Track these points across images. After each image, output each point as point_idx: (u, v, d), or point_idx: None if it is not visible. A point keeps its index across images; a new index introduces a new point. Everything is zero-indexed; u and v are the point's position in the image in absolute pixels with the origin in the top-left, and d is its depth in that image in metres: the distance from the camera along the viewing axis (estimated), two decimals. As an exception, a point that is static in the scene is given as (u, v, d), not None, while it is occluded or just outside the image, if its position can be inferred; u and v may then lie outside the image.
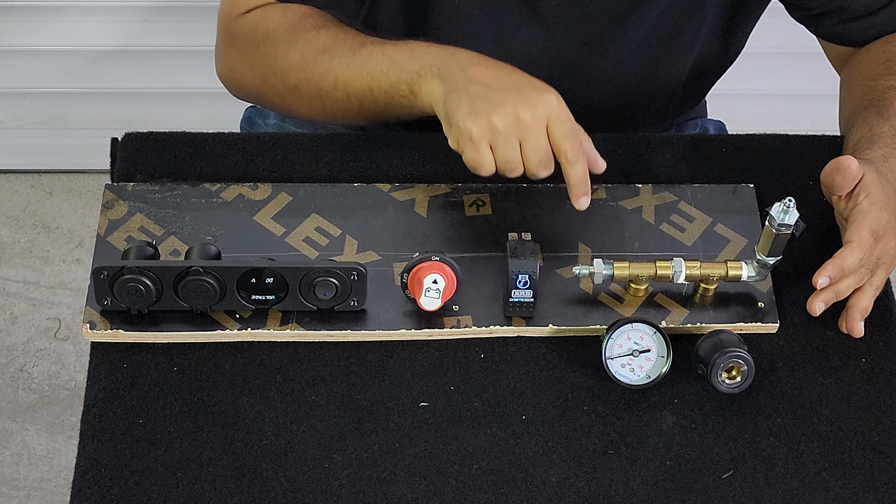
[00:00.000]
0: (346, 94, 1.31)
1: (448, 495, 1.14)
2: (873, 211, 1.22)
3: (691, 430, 1.20)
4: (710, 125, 1.68)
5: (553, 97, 1.21)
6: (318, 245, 1.29)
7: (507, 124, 1.19)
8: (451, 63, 1.25)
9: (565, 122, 1.21)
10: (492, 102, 1.20)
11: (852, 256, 1.21)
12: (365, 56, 1.29)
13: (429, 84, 1.25)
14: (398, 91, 1.27)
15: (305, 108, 1.36)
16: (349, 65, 1.29)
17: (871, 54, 1.44)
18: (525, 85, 1.23)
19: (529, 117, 1.20)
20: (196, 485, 1.14)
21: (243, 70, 1.38)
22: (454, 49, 1.27)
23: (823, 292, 1.23)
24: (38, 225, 2.39)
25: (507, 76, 1.24)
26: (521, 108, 1.20)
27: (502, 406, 1.20)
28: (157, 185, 1.32)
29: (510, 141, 1.20)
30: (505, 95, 1.21)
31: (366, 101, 1.30)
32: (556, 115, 1.21)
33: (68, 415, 2.14)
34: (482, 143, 1.20)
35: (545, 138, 1.21)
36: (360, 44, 1.30)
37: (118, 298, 1.20)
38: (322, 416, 1.19)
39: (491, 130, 1.20)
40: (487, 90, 1.21)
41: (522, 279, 1.21)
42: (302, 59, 1.32)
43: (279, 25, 1.35)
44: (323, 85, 1.31)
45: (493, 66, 1.25)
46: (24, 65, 2.29)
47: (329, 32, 1.33)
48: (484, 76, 1.23)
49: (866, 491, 1.17)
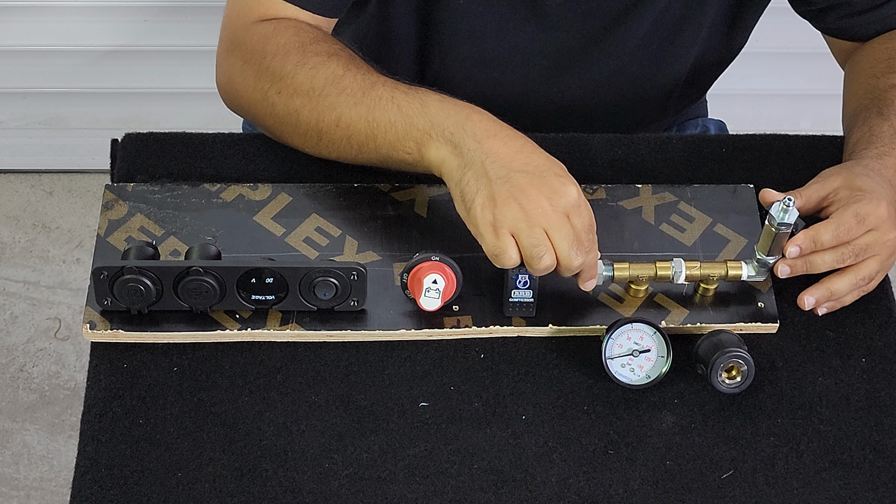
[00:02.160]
0: (346, 136, 1.26)
1: (448, 495, 1.15)
2: (866, 198, 1.23)
3: (691, 430, 1.20)
4: (710, 125, 1.68)
5: (574, 189, 1.17)
6: (318, 245, 1.29)
7: (528, 212, 1.15)
8: (465, 130, 1.19)
9: (584, 214, 1.17)
10: (512, 188, 1.15)
11: (827, 230, 1.21)
12: (374, 100, 1.23)
13: (439, 149, 1.20)
14: (403, 146, 1.23)
15: (300, 139, 1.31)
16: (356, 105, 1.24)
17: (873, 51, 1.44)
18: (546, 170, 1.17)
19: (551, 207, 1.15)
20: (196, 485, 1.14)
21: (245, 82, 1.32)
22: (468, 110, 1.21)
23: (793, 259, 1.23)
24: (38, 225, 2.39)
25: (527, 155, 1.18)
26: (544, 197, 1.15)
27: (502, 406, 1.20)
28: (157, 186, 1.32)
29: (533, 228, 1.15)
30: (526, 181, 1.16)
31: (366, 147, 1.26)
32: (577, 205, 1.17)
33: (68, 415, 2.14)
34: (503, 230, 1.15)
35: (569, 225, 1.16)
36: (370, 84, 1.25)
37: (118, 298, 1.20)
38: (322, 416, 1.19)
39: (512, 218, 1.15)
40: (507, 172, 1.16)
41: (522, 279, 1.22)
42: (309, 85, 1.26)
43: (290, 42, 1.29)
44: (325, 119, 1.26)
45: (508, 139, 1.19)
46: (24, 65, 2.29)
47: (340, 63, 1.27)
48: (501, 153, 1.18)
49: (866, 491, 1.17)
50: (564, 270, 1.18)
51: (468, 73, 1.44)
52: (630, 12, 1.40)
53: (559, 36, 1.42)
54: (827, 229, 1.22)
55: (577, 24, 1.41)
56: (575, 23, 1.41)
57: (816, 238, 1.22)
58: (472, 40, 1.42)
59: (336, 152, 1.29)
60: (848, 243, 1.22)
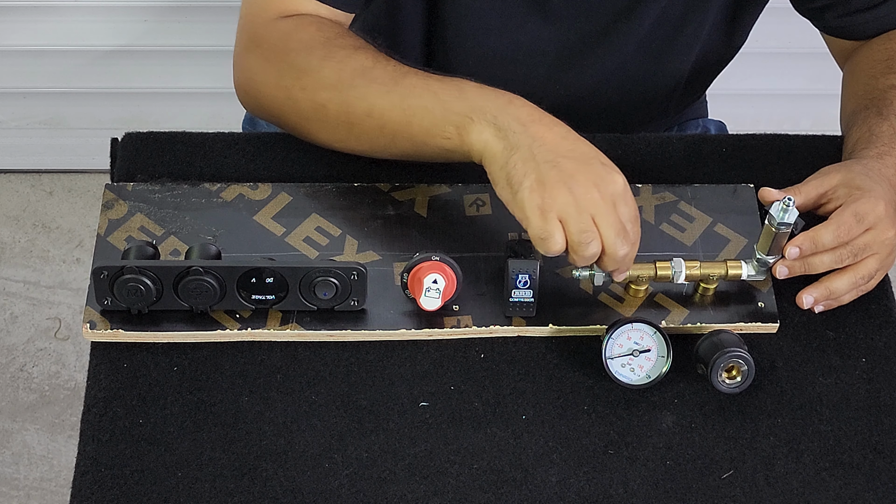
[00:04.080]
0: (379, 125, 1.23)
1: (448, 495, 1.15)
2: (865, 198, 1.23)
3: (691, 430, 1.20)
4: (710, 125, 1.69)
5: (621, 178, 1.17)
6: (318, 245, 1.29)
7: (578, 196, 1.14)
8: (508, 113, 1.18)
9: (630, 205, 1.17)
10: (561, 173, 1.14)
11: (827, 231, 1.21)
12: (407, 88, 1.22)
13: (482, 131, 1.18)
14: (442, 132, 1.20)
15: (327, 133, 1.29)
16: (388, 94, 1.22)
17: (872, 51, 1.44)
18: (593, 159, 1.17)
19: (599, 195, 1.15)
20: (196, 485, 1.14)
21: (267, 80, 1.30)
22: (509, 96, 1.20)
23: (792, 260, 1.23)
24: (38, 225, 2.39)
25: (573, 143, 1.17)
26: (593, 184, 1.15)
27: (502, 406, 1.20)
28: (157, 185, 1.32)
29: (582, 214, 1.14)
30: (574, 167, 1.15)
31: (401, 136, 1.23)
32: (623, 195, 1.16)
33: (68, 415, 2.14)
34: (551, 213, 1.14)
35: (617, 214, 1.16)
36: (402, 73, 1.23)
37: (118, 298, 1.20)
38: (322, 416, 1.19)
39: (562, 202, 1.14)
40: (555, 156, 1.15)
41: (522, 279, 1.22)
42: (336, 78, 1.24)
43: (314, 37, 1.27)
44: (355, 110, 1.24)
45: (552, 125, 1.18)
46: (24, 65, 2.29)
47: (368, 55, 1.25)
48: (547, 138, 1.17)
49: (866, 491, 1.17)
50: (608, 260, 1.17)
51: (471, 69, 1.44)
52: (632, 9, 1.40)
53: (562, 32, 1.42)
54: (827, 231, 1.22)
55: (580, 20, 1.42)
56: (578, 19, 1.41)
57: (816, 240, 1.22)
58: (476, 37, 1.42)
59: (367, 143, 1.27)
60: (847, 244, 1.22)
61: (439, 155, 1.23)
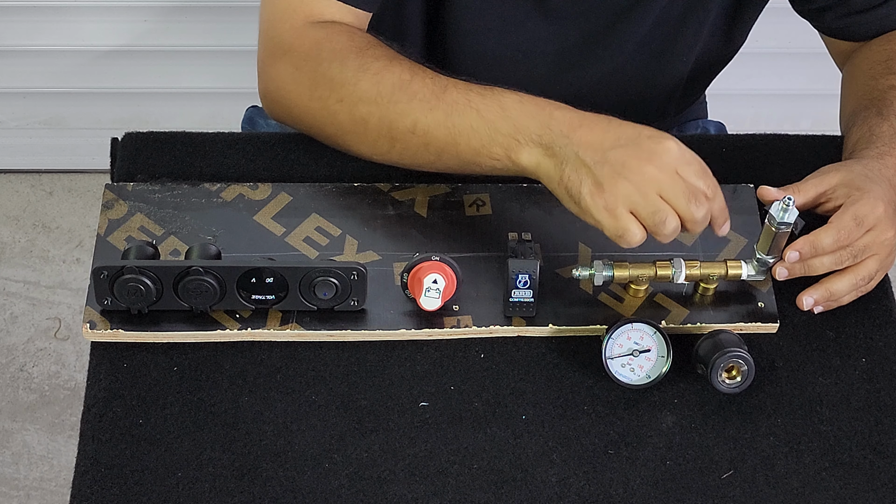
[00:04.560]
0: (424, 143, 1.23)
1: (448, 495, 1.14)
2: (864, 199, 1.23)
3: (691, 430, 1.20)
4: (710, 126, 1.68)
5: (672, 143, 1.16)
6: (318, 245, 1.29)
7: (636, 182, 1.14)
8: (551, 129, 1.18)
9: (693, 163, 1.16)
10: (613, 165, 1.14)
11: (827, 236, 1.21)
12: (450, 104, 1.21)
13: (531, 154, 1.18)
14: (490, 153, 1.20)
15: (368, 147, 1.27)
16: (431, 111, 1.21)
17: (871, 52, 1.44)
18: (638, 136, 1.16)
19: (656, 168, 1.14)
20: (196, 485, 1.14)
21: (299, 90, 1.27)
22: (549, 108, 1.19)
23: (792, 263, 1.23)
24: (38, 225, 2.39)
25: (616, 131, 1.17)
26: (645, 162, 1.14)
27: (502, 406, 1.20)
28: (157, 185, 1.32)
29: (647, 196, 1.14)
30: (623, 154, 1.15)
31: (447, 153, 1.23)
32: (681, 157, 1.16)
33: (68, 415, 2.14)
34: (619, 209, 1.14)
35: (681, 180, 1.15)
36: (441, 87, 1.22)
37: (118, 298, 1.20)
38: (322, 416, 1.19)
39: (623, 194, 1.14)
40: (603, 153, 1.15)
41: (522, 279, 1.21)
42: (375, 91, 1.22)
43: (347, 47, 1.25)
44: (398, 126, 1.23)
45: (594, 124, 1.18)
46: (24, 65, 2.29)
47: (404, 67, 1.24)
48: (591, 139, 1.16)
49: (866, 491, 1.17)
50: (692, 226, 1.16)
51: (470, 70, 1.44)
52: (632, 9, 1.40)
53: (562, 33, 1.42)
54: (827, 234, 1.22)
55: (580, 20, 1.41)
56: (577, 19, 1.41)
57: (816, 244, 1.22)
58: (475, 37, 1.42)
59: (410, 159, 1.26)
60: (847, 246, 1.22)
61: (489, 172, 1.24)
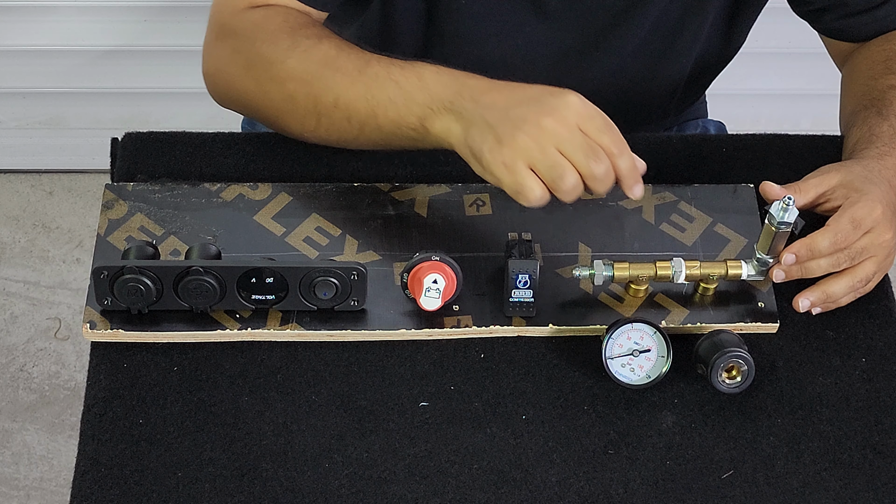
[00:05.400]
0: (346, 116, 1.24)
1: (448, 495, 1.15)
2: (862, 201, 1.23)
3: (691, 430, 1.20)
4: (710, 125, 1.68)
5: (573, 97, 1.15)
6: (318, 245, 1.29)
7: (534, 136, 1.13)
8: (463, 94, 1.18)
9: (595, 117, 1.15)
10: (513, 121, 1.14)
11: (824, 239, 1.21)
12: (371, 78, 1.22)
13: (443, 121, 1.19)
14: (406, 123, 1.21)
15: (298, 123, 1.29)
16: (353, 84, 1.23)
17: (871, 53, 1.44)
18: (541, 94, 1.16)
19: (555, 122, 1.13)
20: (196, 485, 1.14)
21: (236, 71, 1.30)
22: (464, 77, 1.20)
23: (789, 265, 1.23)
24: (38, 225, 2.39)
25: (522, 92, 1.17)
26: (544, 116, 1.14)
27: (502, 406, 1.20)
28: (157, 185, 1.32)
29: (545, 150, 1.13)
30: (524, 110, 1.15)
31: (368, 126, 1.24)
32: (584, 111, 1.15)
33: (68, 415, 2.14)
34: (517, 164, 1.14)
35: (581, 134, 1.14)
36: (364, 62, 1.23)
37: (118, 298, 1.20)
38: (322, 416, 1.19)
39: (521, 149, 1.13)
40: (505, 111, 1.15)
41: (522, 279, 1.22)
42: (302, 68, 1.25)
43: (280, 27, 1.29)
44: (323, 101, 1.25)
45: (504, 87, 1.18)
46: (24, 65, 2.29)
47: (332, 44, 1.26)
48: (497, 100, 1.17)
49: (866, 491, 1.17)
50: (592, 183, 1.15)
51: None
52: (630, 11, 1.40)
53: (560, 36, 1.42)
54: (824, 237, 1.22)
55: (578, 23, 1.41)
56: (576, 22, 1.41)
57: (813, 246, 1.22)
58: (473, 42, 1.42)
59: (336, 134, 1.27)
60: (844, 248, 1.22)
61: (408, 144, 1.24)
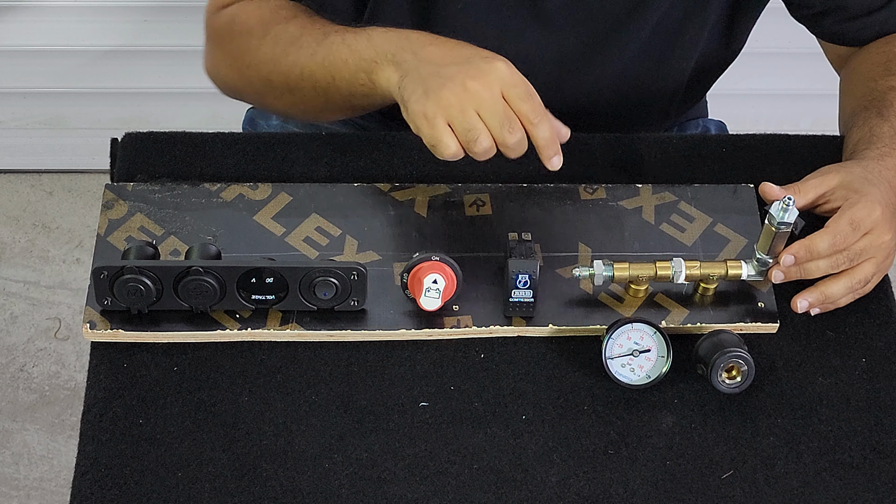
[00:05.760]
0: (312, 86, 1.30)
1: (448, 495, 1.15)
2: (861, 203, 1.23)
3: (691, 430, 1.20)
4: (710, 125, 1.68)
5: (502, 64, 1.20)
6: (318, 245, 1.29)
7: (458, 95, 1.18)
8: (405, 47, 1.24)
9: (519, 85, 1.20)
10: (442, 78, 1.19)
11: (823, 240, 1.22)
12: (328, 46, 1.29)
13: (385, 71, 1.24)
14: (358, 80, 1.27)
15: (279, 102, 1.37)
16: (314, 55, 1.29)
17: (870, 55, 1.44)
18: (473, 56, 1.21)
19: (479, 86, 1.18)
20: (196, 485, 1.14)
21: (223, 65, 1.40)
22: (409, 32, 1.26)
23: (787, 266, 1.23)
24: (38, 225, 2.39)
25: (457, 52, 1.23)
26: (470, 78, 1.18)
27: (502, 406, 1.20)
28: (157, 185, 1.32)
29: (465, 111, 1.18)
30: (454, 70, 1.20)
31: (331, 92, 1.30)
32: (509, 79, 1.19)
33: (68, 415, 2.14)
34: (437, 118, 1.18)
35: (502, 102, 1.19)
36: (324, 34, 1.30)
37: (118, 298, 1.20)
38: (322, 416, 1.19)
39: (443, 105, 1.18)
40: (438, 68, 1.21)
41: (522, 279, 1.22)
42: (272, 52, 1.32)
43: (252, 18, 1.36)
44: (291, 76, 1.31)
45: (444, 44, 1.24)
46: (24, 65, 2.29)
47: (298, 23, 1.33)
48: (434, 55, 1.22)
49: (866, 491, 1.17)
50: (505, 150, 1.20)
51: None
52: (631, 16, 1.40)
53: (561, 41, 1.42)
54: (823, 239, 1.22)
55: (579, 28, 1.41)
56: (576, 27, 1.41)
57: (812, 248, 1.22)
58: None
59: (310, 106, 1.34)
60: (843, 250, 1.22)
61: (366, 103, 1.29)
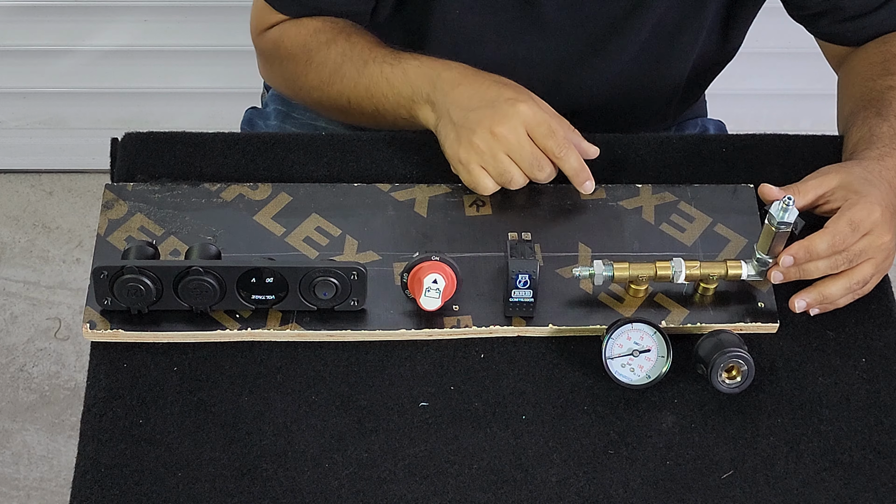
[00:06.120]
0: (360, 112, 1.40)
1: (448, 495, 1.15)
2: (860, 203, 1.23)
3: (691, 430, 1.20)
4: (710, 125, 1.68)
5: (524, 106, 1.27)
6: (318, 245, 1.29)
7: (487, 142, 1.27)
8: (437, 87, 1.32)
9: (542, 124, 1.27)
10: (470, 125, 1.28)
11: (822, 241, 1.22)
12: (368, 78, 1.37)
13: (423, 111, 1.34)
14: (399, 114, 1.37)
15: (334, 117, 1.49)
16: (356, 86, 1.38)
17: (868, 54, 1.44)
18: (497, 99, 1.29)
19: (506, 130, 1.26)
20: (196, 485, 1.14)
21: (277, 83, 1.51)
22: (440, 68, 1.34)
23: (787, 267, 1.23)
24: (38, 225, 2.39)
25: (483, 92, 1.30)
26: (497, 124, 1.27)
27: (502, 406, 1.20)
28: (157, 185, 1.32)
29: (496, 156, 1.27)
30: (480, 115, 1.28)
31: (378, 117, 1.39)
32: (532, 119, 1.27)
33: (68, 415, 2.14)
34: (471, 164, 1.28)
35: (529, 143, 1.27)
36: (363, 62, 1.38)
37: (118, 298, 1.20)
38: (322, 416, 1.19)
39: (476, 152, 1.28)
40: (466, 113, 1.29)
41: (522, 279, 1.22)
42: (318, 80, 1.41)
43: (295, 44, 1.43)
44: (339, 104, 1.41)
45: (472, 83, 1.31)
46: (24, 65, 2.29)
47: (338, 49, 1.40)
48: (461, 98, 1.30)
49: (866, 491, 1.17)
50: (537, 182, 1.30)
51: None
52: (629, 18, 1.40)
53: (559, 43, 1.42)
54: (822, 240, 1.22)
55: (577, 30, 1.41)
56: (574, 30, 1.41)
57: (811, 248, 1.22)
58: (470, 50, 1.42)
59: (359, 122, 1.45)
60: (842, 251, 1.22)
61: (412, 127, 1.38)
